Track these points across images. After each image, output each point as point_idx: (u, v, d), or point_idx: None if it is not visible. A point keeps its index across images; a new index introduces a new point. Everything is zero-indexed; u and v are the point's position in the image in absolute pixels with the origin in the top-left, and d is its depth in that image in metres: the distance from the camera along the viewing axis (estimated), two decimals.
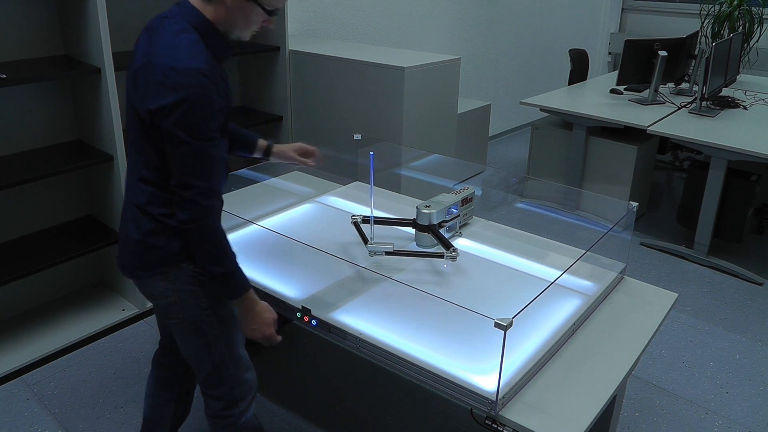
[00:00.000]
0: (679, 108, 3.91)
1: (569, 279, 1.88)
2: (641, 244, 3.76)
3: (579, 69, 4.95)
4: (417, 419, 2.30)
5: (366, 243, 1.96)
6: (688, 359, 2.69)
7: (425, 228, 2.00)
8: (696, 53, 4.30)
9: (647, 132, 3.47)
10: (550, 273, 1.92)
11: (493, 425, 1.38)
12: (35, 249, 2.61)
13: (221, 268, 1.45)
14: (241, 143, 1.86)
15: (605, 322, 1.72)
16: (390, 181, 3.29)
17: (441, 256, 1.88)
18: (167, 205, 1.44)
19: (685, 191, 3.67)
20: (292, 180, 2.68)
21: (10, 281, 2.40)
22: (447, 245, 1.90)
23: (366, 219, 2.10)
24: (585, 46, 6.53)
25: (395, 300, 1.76)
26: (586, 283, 1.88)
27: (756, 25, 5.10)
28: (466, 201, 2.16)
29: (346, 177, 2.66)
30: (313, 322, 1.68)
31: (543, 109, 3.97)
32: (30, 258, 2.53)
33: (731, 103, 4.00)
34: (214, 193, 1.41)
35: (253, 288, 1.54)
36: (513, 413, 1.37)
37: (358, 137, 2.54)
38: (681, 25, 6.28)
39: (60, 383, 2.46)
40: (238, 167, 3.59)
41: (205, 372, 1.63)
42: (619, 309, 1.79)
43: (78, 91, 2.70)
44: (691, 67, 4.42)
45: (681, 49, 4.03)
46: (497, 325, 1.29)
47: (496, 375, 1.41)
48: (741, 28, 5.10)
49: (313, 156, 1.96)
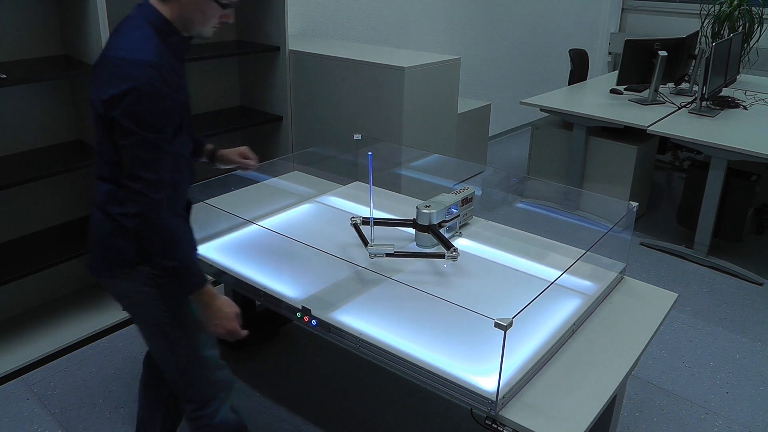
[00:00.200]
0: (679, 108, 3.91)
1: (569, 279, 1.88)
2: (641, 244, 3.76)
3: (579, 69, 4.95)
4: (417, 419, 2.30)
5: (366, 245, 1.96)
6: (688, 359, 2.69)
7: (425, 228, 2.00)
8: (696, 53, 4.30)
9: (647, 132, 3.47)
10: (550, 273, 1.92)
11: (493, 425, 1.38)
12: (35, 249, 2.61)
13: (173, 262, 1.45)
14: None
15: (605, 322, 1.72)
16: (390, 181, 3.29)
17: (442, 256, 1.88)
18: (124, 204, 1.46)
19: (685, 191, 3.67)
20: (292, 180, 2.68)
21: (10, 281, 2.40)
22: (447, 245, 1.90)
23: (366, 220, 2.10)
24: (585, 46, 6.53)
25: (395, 300, 1.76)
26: (586, 283, 1.88)
27: (756, 25, 5.10)
28: (466, 201, 2.16)
29: (346, 177, 2.66)
30: (313, 322, 1.68)
31: (543, 109, 3.97)
32: (30, 258, 2.53)
33: (731, 103, 4.00)
34: (162, 187, 1.41)
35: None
36: (513, 413, 1.37)
37: (358, 137, 2.54)
38: (681, 25, 6.27)
39: (60, 383, 2.46)
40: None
41: (171, 374, 1.64)
42: (619, 309, 1.79)
43: (78, 91, 2.70)
44: (691, 67, 4.42)
45: (681, 49, 4.03)
46: (497, 325, 1.29)
47: (496, 375, 1.41)
48: (741, 28, 5.10)
49: (255, 160, 1.98)
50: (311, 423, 2.26)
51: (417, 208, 2.00)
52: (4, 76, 2.24)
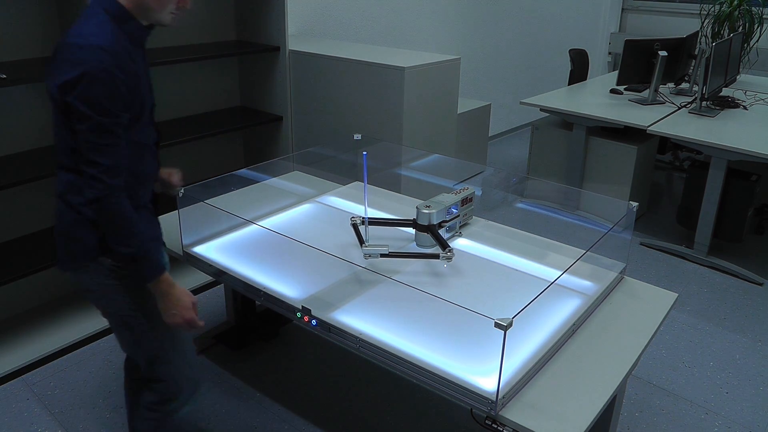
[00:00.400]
0: (679, 108, 3.91)
1: (569, 279, 1.88)
2: (641, 244, 3.76)
3: (579, 69, 4.95)
4: (417, 419, 2.30)
5: (362, 245, 1.96)
6: (688, 359, 2.69)
7: (425, 228, 2.00)
8: (696, 53, 4.30)
9: (647, 132, 3.47)
10: (550, 273, 1.92)
11: (493, 425, 1.38)
12: (35, 249, 2.61)
13: (130, 248, 1.45)
14: None
15: (605, 322, 1.72)
16: (390, 181, 3.29)
17: (436, 256, 1.88)
18: (83, 192, 1.46)
19: (685, 191, 3.67)
20: (292, 180, 2.68)
21: (10, 281, 2.40)
22: (443, 245, 1.90)
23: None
24: (585, 46, 6.53)
25: (395, 300, 1.76)
26: (586, 283, 1.88)
27: (756, 25, 5.10)
28: (466, 201, 2.16)
29: (346, 177, 2.66)
30: (313, 322, 1.68)
31: (543, 109, 3.97)
32: (30, 258, 2.53)
33: (731, 103, 4.00)
34: (119, 172, 1.42)
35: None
36: (513, 413, 1.37)
37: (358, 137, 2.54)
38: (681, 25, 6.28)
39: (60, 383, 2.46)
40: (238, 167, 3.59)
41: (142, 366, 1.65)
42: (619, 309, 1.79)
43: None
44: (691, 67, 4.42)
45: (681, 49, 4.03)
46: (497, 325, 1.29)
47: (496, 375, 1.41)
48: (741, 28, 5.10)
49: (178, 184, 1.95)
50: (311, 423, 2.26)
51: (417, 208, 2.00)
52: (4, 76, 2.24)
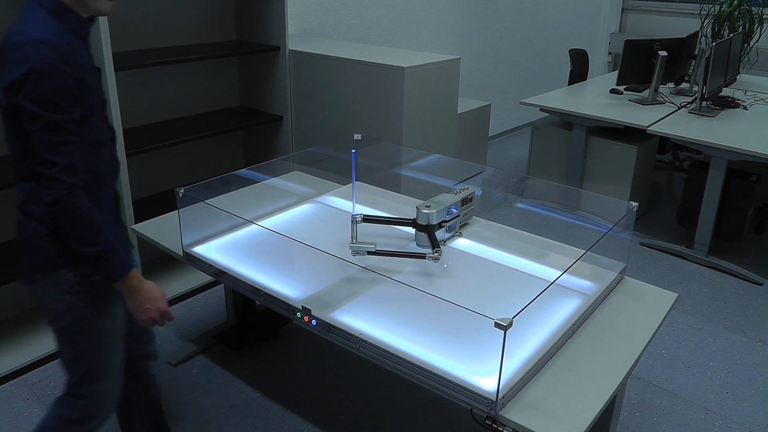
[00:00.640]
0: (679, 108, 3.91)
1: (569, 279, 1.88)
2: (641, 244, 3.76)
3: (579, 69, 4.95)
4: (417, 419, 2.30)
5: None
6: (688, 359, 2.69)
7: (424, 228, 2.00)
8: (696, 53, 4.30)
9: (647, 132, 3.47)
10: (550, 273, 1.92)
11: (493, 425, 1.38)
12: None
13: (95, 247, 1.42)
14: None
15: (605, 322, 1.72)
16: (390, 181, 3.29)
17: (423, 256, 1.88)
18: (43, 204, 1.42)
19: (685, 191, 3.67)
20: (292, 180, 2.68)
21: (10, 281, 2.40)
22: (434, 245, 1.90)
23: (367, 218, 2.10)
24: (585, 46, 6.53)
25: (395, 300, 1.76)
26: (586, 283, 1.88)
27: (756, 25, 5.10)
28: (466, 201, 2.16)
29: (346, 177, 2.66)
30: (313, 322, 1.68)
31: (543, 109, 3.97)
32: None
33: (731, 103, 4.00)
34: (77, 171, 1.39)
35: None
36: (513, 413, 1.37)
37: (358, 137, 2.54)
38: (681, 25, 6.28)
39: (60, 383, 2.46)
40: (238, 167, 3.59)
41: (72, 381, 1.60)
42: (619, 309, 1.79)
43: None
44: (691, 67, 4.42)
45: (681, 49, 4.03)
46: (497, 325, 1.29)
47: (496, 375, 1.41)
48: (741, 28, 5.10)
49: None
50: (311, 423, 2.26)
51: (417, 208, 2.00)
52: None
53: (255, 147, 3.58)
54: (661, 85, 4.26)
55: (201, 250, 2.04)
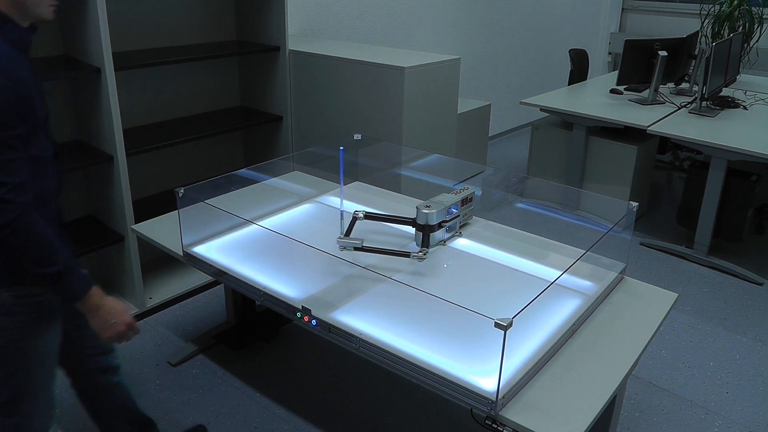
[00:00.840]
0: (679, 108, 3.91)
1: (569, 279, 1.88)
2: (641, 244, 3.76)
3: (579, 69, 4.95)
4: (417, 419, 2.30)
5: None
6: (688, 359, 2.69)
7: (422, 227, 2.01)
8: (696, 53, 4.30)
9: (647, 132, 3.47)
10: (550, 273, 1.92)
11: (493, 425, 1.38)
12: None
13: (54, 267, 1.35)
14: None
15: (605, 322, 1.72)
16: (390, 181, 3.29)
17: (407, 255, 1.89)
18: None
19: (685, 191, 3.67)
20: (292, 180, 2.68)
21: None
22: (424, 245, 1.91)
23: (368, 215, 2.11)
24: (585, 46, 6.53)
25: (395, 300, 1.76)
26: (586, 283, 1.88)
27: (756, 25, 5.10)
28: (466, 201, 2.16)
29: (346, 177, 2.66)
30: (313, 322, 1.68)
31: (543, 109, 3.97)
32: None
33: (731, 103, 4.00)
34: (26, 189, 1.32)
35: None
36: (513, 413, 1.37)
37: (358, 137, 2.54)
38: (681, 25, 6.27)
39: (60, 383, 2.45)
40: (238, 167, 3.59)
41: (2, 400, 1.55)
42: (619, 309, 1.79)
43: (78, 91, 2.70)
44: (691, 67, 4.42)
45: (681, 49, 4.03)
46: (497, 325, 1.29)
47: (496, 375, 1.41)
48: (741, 28, 5.10)
49: None
50: (311, 423, 2.26)
51: (417, 208, 2.00)
52: None
53: (255, 147, 3.58)
54: (661, 85, 4.26)
55: (201, 250, 2.04)
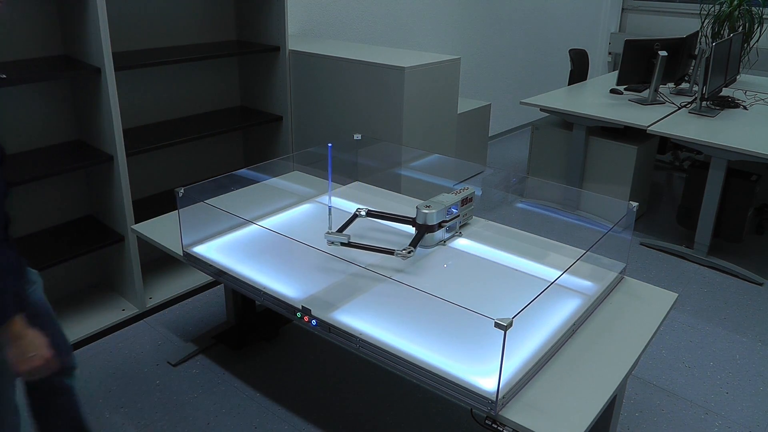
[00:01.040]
0: (679, 108, 3.91)
1: (569, 279, 1.88)
2: (641, 244, 3.76)
3: (579, 69, 4.95)
4: (417, 419, 2.30)
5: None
6: (688, 359, 2.69)
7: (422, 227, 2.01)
8: (696, 53, 4.30)
9: (647, 132, 3.47)
10: (550, 273, 1.92)
11: (493, 425, 1.38)
12: (35, 249, 2.61)
13: None
14: None
15: (605, 322, 1.72)
16: (390, 181, 3.29)
17: (391, 252, 1.89)
18: None
19: (685, 191, 3.67)
20: (292, 180, 2.68)
21: None
22: (413, 244, 1.93)
23: (370, 213, 2.11)
24: (585, 46, 6.53)
25: (395, 300, 1.76)
26: (586, 283, 1.88)
27: (756, 25, 5.10)
28: (466, 201, 2.16)
29: (346, 177, 2.66)
30: (313, 322, 1.68)
31: (543, 109, 3.97)
32: (30, 258, 2.53)
33: (731, 103, 4.00)
34: None
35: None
36: (513, 413, 1.37)
37: (358, 137, 2.54)
38: (681, 25, 6.28)
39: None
40: (238, 167, 3.59)
41: None
42: (619, 309, 1.79)
43: (78, 91, 2.70)
44: (691, 67, 4.42)
45: (681, 49, 4.03)
46: (497, 325, 1.29)
47: (496, 375, 1.41)
48: (741, 28, 5.10)
49: None
50: (311, 423, 2.26)
51: (417, 207, 2.00)
52: (4, 76, 2.24)
53: (255, 147, 3.58)
54: (661, 85, 4.26)
55: (201, 250, 2.04)
